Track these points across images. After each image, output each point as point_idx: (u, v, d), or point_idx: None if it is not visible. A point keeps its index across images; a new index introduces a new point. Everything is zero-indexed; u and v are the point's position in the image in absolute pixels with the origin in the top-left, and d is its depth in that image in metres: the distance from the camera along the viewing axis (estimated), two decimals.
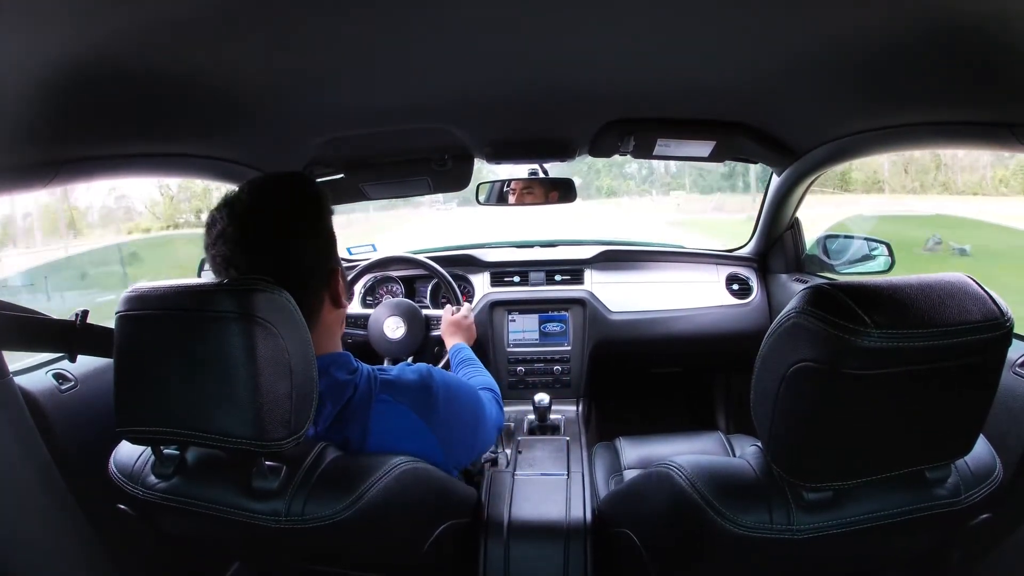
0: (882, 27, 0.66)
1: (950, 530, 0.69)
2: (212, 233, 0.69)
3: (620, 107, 1.13)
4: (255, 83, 0.83)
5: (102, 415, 0.92)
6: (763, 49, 0.77)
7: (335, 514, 0.62)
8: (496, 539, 0.96)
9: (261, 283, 0.59)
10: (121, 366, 0.62)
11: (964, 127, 0.91)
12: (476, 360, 1.19)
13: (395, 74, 0.85)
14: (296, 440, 0.61)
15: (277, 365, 0.58)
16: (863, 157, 1.26)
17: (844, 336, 0.52)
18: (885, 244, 1.54)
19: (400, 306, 1.54)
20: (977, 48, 0.66)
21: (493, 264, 1.79)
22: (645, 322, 1.68)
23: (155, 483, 0.68)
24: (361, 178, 1.43)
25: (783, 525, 0.62)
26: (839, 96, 0.97)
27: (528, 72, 0.87)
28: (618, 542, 0.86)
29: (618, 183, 17.05)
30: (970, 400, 0.59)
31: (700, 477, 0.66)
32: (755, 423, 0.64)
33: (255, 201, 0.70)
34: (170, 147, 1.03)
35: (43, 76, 0.62)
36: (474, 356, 1.20)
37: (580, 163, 1.51)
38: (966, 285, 0.57)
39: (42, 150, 0.81)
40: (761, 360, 0.63)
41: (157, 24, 0.58)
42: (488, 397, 0.95)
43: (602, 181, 16.51)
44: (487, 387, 1.01)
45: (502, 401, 1.04)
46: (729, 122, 1.20)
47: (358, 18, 0.64)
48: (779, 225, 1.67)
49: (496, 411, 0.97)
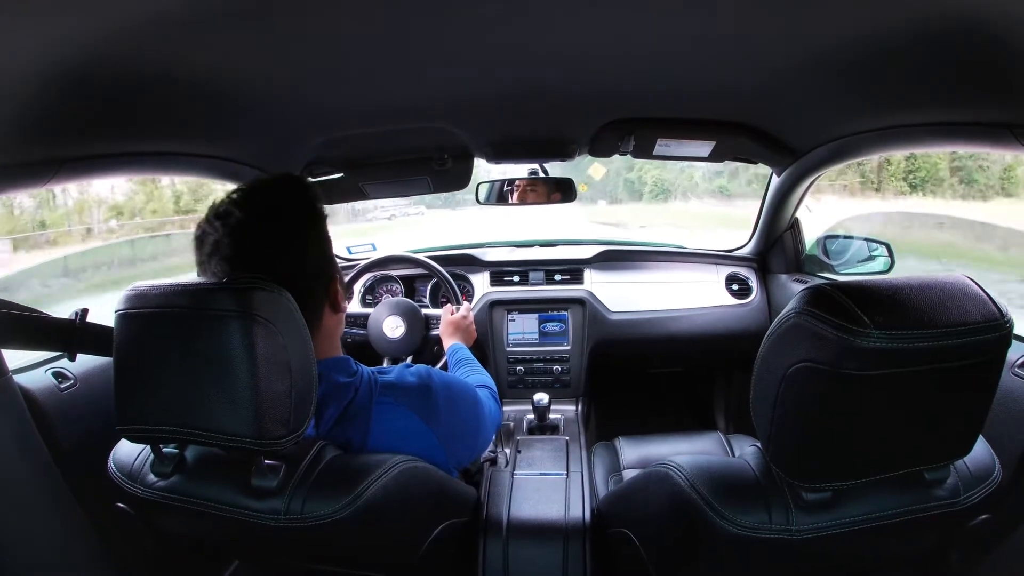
0: (882, 28, 0.66)
1: (949, 531, 0.69)
2: (204, 248, 0.67)
3: (620, 107, 1.13)
4: (255, 83, 0.83)
5: (101, 414, 0.92)
6: (763, 49, 0.78)
7: (334, 512, 0.62)
8: (495, 539, 0.96)
9: (261, 281, 0.59)
10: (121, 364, 0.62)
11: (964, 127, 0.91)
12: (473, 359, 1.18)
13: (395, 73, 0.85)
14: (295, 439, 0.61)
15: (276, 364, 0.58)
16: (863, 157, 1.26)
17: (844, 336, 0.52)
18: (885, 245, 1.54)
19: (400, 305, 1.54)
20: (977, 48, 0.66)
21: (493, 264, 1.79)
22: (645, 322, 1.68)
23: (154, 482, 0.68)
24: (361, 177, 1.43)
25: (782, 525, 0.62)
26: (839, 96, 0.97)
27: (528, 71, 0.87)
28: (617, 542, 0.86)
29: (673, 175, 11.66)
30: (969, 401, 0.59)
31: (699, 477, 0.66)
32: (754, 423, 0.64)
33: (249, 215, 0.67)
34: (170, 146, 1.03)
35: (43, 75, 0.62)
36: (471, 356, 1.20)
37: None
38: (966, 286, 0.57)
39: (42, 149, 0.81)
40: (760, 360, 0.63)
41: (157, 23, 0.58)
42: (486, 395, 0.95)
43: (642, 173, 11.83)
44: (484, 384, 1.01)
45: (500, 400, 1.04)
46: (729, 122, 1.20)
47: (358, 18, 0.64)
48: (779, 225, 1.67)
49: (494, 408, 0.97)
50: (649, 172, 11.88)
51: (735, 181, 10.55)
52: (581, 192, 1.60)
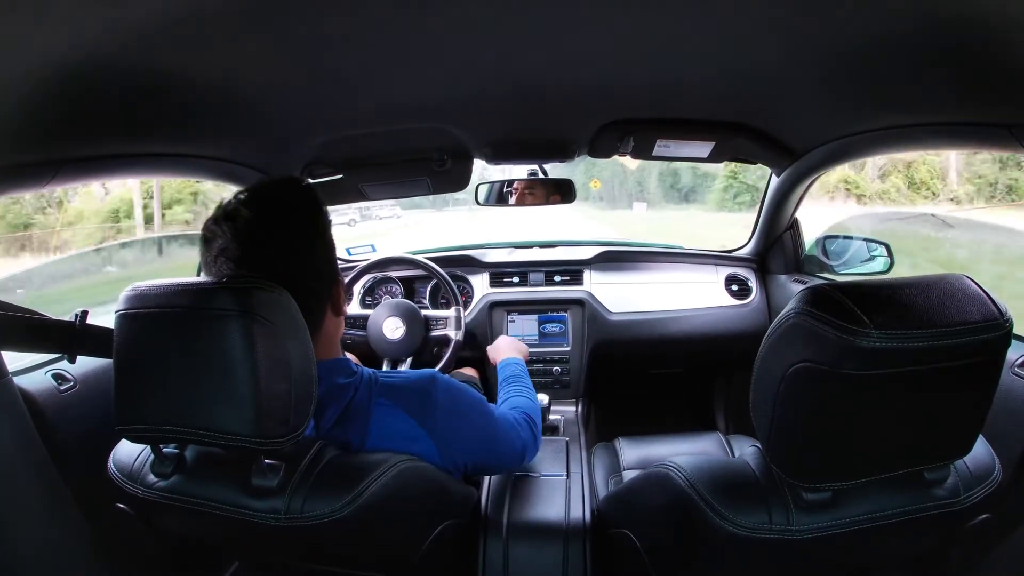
0: (882, 28, 0.66)
1: (949, 530, 0.69)
2: (212, 250, 0.67)
3: (619, 107, 1.13)
4: (255, 83, 0.83)
5: (101, 415, 0.92)
6: (763, 50, 0.78)
7: (334, 512, 0.62)
8: (495, 539, 0.95)
9: (261, 281, 0.59)
10: (121, 364, 0.62)
11: (964, 127, 0.91)
12: (524, 378, 1.08)
13: (394, 74, 0.85)
14: (295, 438, 0.61)
15: (276, 363, 0.58)
16: (863, 157, 1.27)
17: (843, 336, 0.52)
18: (884, 245, 1.54)
19: (399, 307, 1.54)
20: (977, 48, 0.66)
21: (492, 265, 1.79)
22: (644, 323, 1.68)
23: (154, 482, 0.68)
24: (360, 178, 1.43)
25: (782, 525, 0.62)
26: (839, 97, 0.97)
27: (527, 72, 0.87)
28: (617, 543, 0.86)
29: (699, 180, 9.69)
30: (969, 401, 0.59)
31: (699, 477, 0.66)
32: (754, 423, 0.64)
33: (257, 216, 0.67)
34: (170, 147, 1.03)
35: (43, 75, 0.62)
36: (524, 374, 1.09)
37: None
38: (965, 286, 0.57)
39: (42, 150, 0.81)
40: (760, 361, 0.63)
41: (157, 24, 0.58)
42: (516, 417, 0.90)
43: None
44: (520, 408, 0.94)
45: (540, 423, 0.96)
46: (729, 122, 1.20)
47: (357, 19, 0.64)
48: (778, 226, 1.67)
49: (526, 435, 0.89)
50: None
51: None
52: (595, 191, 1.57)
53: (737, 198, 8.88)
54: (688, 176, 10.15)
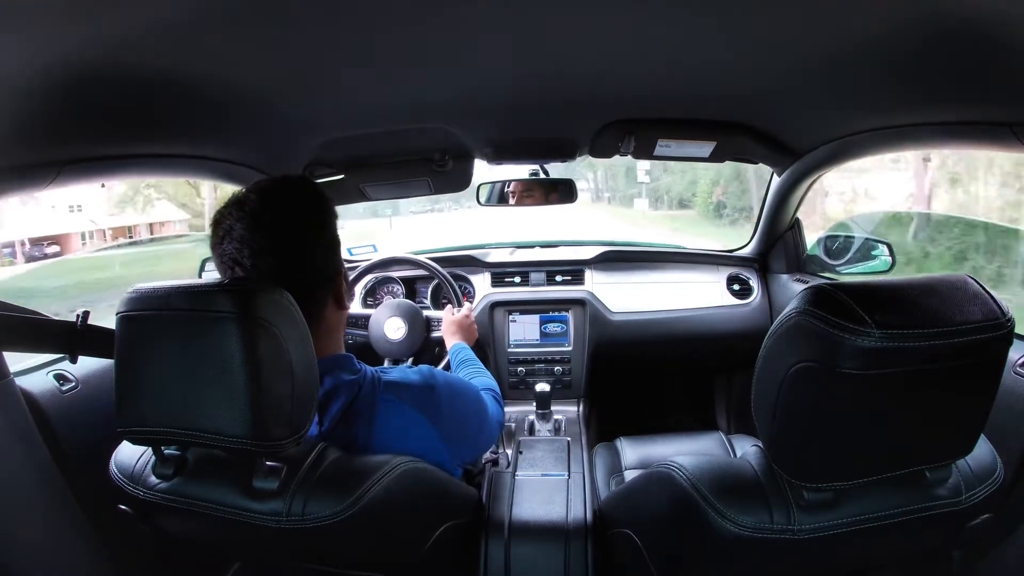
0: (883, 28, 0.66)
1: (951, 530, 0.69)
2: (219, 231, 0.70)
3: (621, 107, 1.13)
4: (255, 84, 0.83)
5: (103, 416, 0.92)
6: (764, 50, 0.78)
7: (335, 514, 0.62)
8: (497, 539, 0.96)
9: (261, 283, 0.59)
10: (122, 366, 0.62)
11: (964, 127, 0.91)
12: (476, 360, 1.19)
13: (395, 74, 0.85)
14: (297, 440, 0.61)
15: (277, 365, 0.58)
16: (863, 157, 1.26)
17: (845, 336, 0.52)
18: (886, 244, 1.54)
19: (401, 307, 1.54)
20: (977, 48, 0.66)
21: (494, 264, 1.79)
22: (646, 323, 1.68)
23: (156, 484, 0.68)
24: (361, 179, 1.43)
25: (783, 525, 0.62)
26: (840, 97, 0.97)
27: (528, 72, 0.87)
28: (619, 542, 0.86)
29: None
30: (971, 400, 0.59)
31: (701, 477, 0.66)
32: (756, 423, 0.64)
33: (264, 202, 0.70)
34: (171, 148, 1.03)
35: (44, 77, 0.62)
36: (474, 356, 1.21)
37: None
38: (967, 285, 0.57)
39: (44, 151, 0.81)
40: (762, 360, 0.63)
41: (157, 25, 0.58)
42: (488, 397, 0.96)
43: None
44: (487, 388, 1.01)
45: (503, 401, 1.04)
46: (730, 122, 1.20)
47: (357, 19, 0.64)
48: (780, 225, 1.66)
49: (497, 410, 0.98)
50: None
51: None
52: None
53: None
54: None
